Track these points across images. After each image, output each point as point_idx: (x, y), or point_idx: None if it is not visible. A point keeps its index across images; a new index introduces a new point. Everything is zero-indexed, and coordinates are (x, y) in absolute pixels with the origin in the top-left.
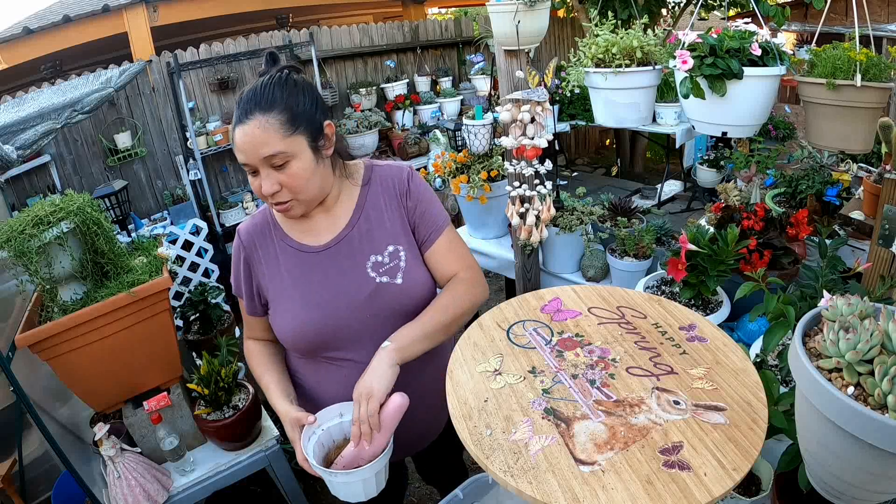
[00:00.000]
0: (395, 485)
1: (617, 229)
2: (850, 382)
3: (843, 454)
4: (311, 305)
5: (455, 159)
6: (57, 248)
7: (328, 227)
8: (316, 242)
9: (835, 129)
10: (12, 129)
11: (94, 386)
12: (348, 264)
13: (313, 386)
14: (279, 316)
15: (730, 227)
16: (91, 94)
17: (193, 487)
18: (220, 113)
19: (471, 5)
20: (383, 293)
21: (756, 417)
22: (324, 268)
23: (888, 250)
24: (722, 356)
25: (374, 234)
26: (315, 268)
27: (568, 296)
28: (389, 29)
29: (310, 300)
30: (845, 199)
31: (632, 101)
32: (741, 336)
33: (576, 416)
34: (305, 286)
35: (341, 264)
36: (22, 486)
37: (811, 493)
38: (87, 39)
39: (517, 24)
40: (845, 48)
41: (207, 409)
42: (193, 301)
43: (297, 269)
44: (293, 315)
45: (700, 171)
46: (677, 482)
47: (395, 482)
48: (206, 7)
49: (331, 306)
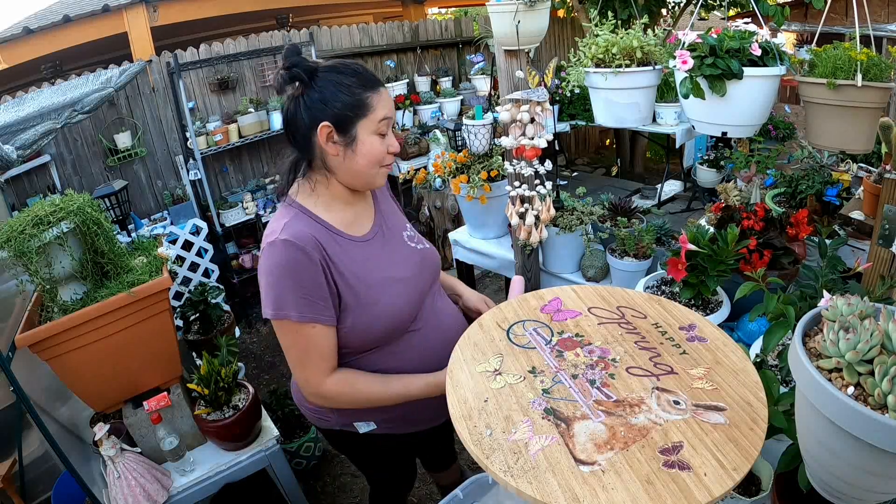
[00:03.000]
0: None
1: (617, 229)
2: (850, 382)
3: (843, 454)
4: (402, 282)
5: (455, 159)
6: (57, 248)
7: (366, 216)
8: (363, 232)
9: (835, 129)
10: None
11: (94, 386)
12: (396, 242)
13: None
14: (384, 304)
15: (730, 227)
16: (91, 94)
17: (193, 487)
18: (220, 113)
19: (471, 5)
20: (425, 257)
21: (756, 417)
22: (384, 250)
23: (888, 250)
24: (722, 356)
25: (391, 217)
26: (380, 251)
27: (568, 296)
28: (389, 29)
29: (397, 278)
30: (845, 199)
31: (632, 101)
32: (741, 336)
33: (576, 416)
34: (388, 268)
35: (392, 244)
36: (22, 486)
37: (811, 493)
38: (87, 39)
39: (517, 24)
40: (846, 48)
41: (207, 409)
42: (193, 301)
43: (369, 257)
44: (397, 294)
45: (700, 171)
46: (677, 482)
47: (407, 476)
48: (206, 7)
49: (412, 278)
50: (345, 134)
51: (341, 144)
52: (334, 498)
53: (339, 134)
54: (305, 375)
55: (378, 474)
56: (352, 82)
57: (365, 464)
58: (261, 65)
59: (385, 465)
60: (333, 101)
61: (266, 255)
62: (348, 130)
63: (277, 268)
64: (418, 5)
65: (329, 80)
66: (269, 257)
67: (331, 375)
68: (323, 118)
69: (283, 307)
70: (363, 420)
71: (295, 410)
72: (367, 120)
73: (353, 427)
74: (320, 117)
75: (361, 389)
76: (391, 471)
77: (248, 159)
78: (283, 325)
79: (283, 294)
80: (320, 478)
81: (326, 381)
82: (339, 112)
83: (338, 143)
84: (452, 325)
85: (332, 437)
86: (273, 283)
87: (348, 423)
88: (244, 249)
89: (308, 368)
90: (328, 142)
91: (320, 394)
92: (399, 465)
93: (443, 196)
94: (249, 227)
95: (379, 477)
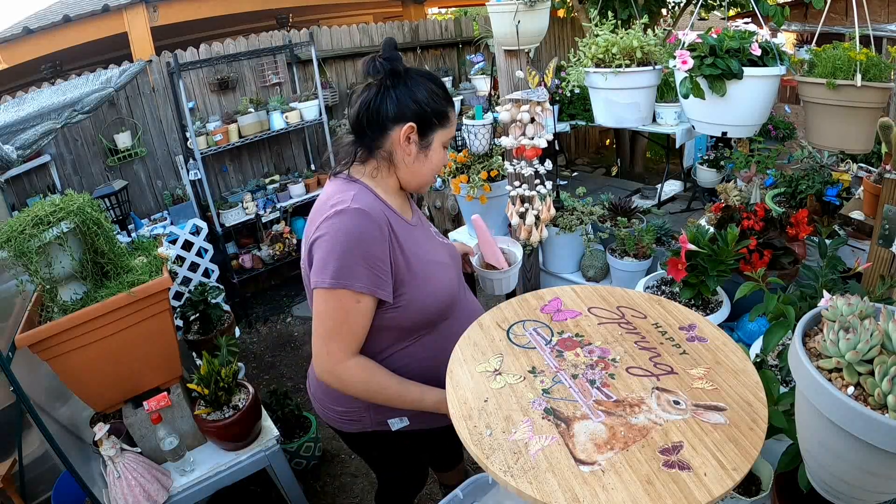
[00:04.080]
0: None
1: (617, 229)
2: (850, 382)
3: (843, 454)
4: (445, 266)
5: (455, 159)
6: (57, 248)
7: (409, 207)
8: (409, 217)
9: (835, 129)
10: (12, 129)
11: (94, 386)
12: (431, 232)
13: (437, 353)
14: (437, 282)
15: (730, 227)
16: (91, 94)
17: (193, 487)
18: (220, 113)
19: (471, 5)
20: (451, 249)
21: (756, 417)
22: (426, 236)
23: (888, 250)
24: (722, 356)
25: (420, 213)
26: (424, 237)
27: (568, 296)
28: (389, 29)
29: (443, 263)
30: (845, 199)
31: (632, 101)
32: (741, 336)
33: (576, 416)
34: (434, 252)
35: (429, 232)
36: (22, 486)
37: (811, 493)
38: (87, 39)
39: (517, 24)
40: (845, 48)
41: (207, 409)
42: (193, 301)
43: (420, 242)
44: (444, 274)
45: (700, 171)
46: (677, 482)
47: (420, 475)
48: (206, 7)
49: (451, 265)
50: (424, 138)
51: (417, 146)
52: (334, 498)
53: (420, 136)
54: (329, 348)
55: (392, 473)
56: (441, 94)
57: (383, 464)
58: (261, 65)
59: (402, 463)
60: (425, 104)
61: (333, 223)
62: (427, 135)
63: (347, 235)
64: (418, 5)
65: (423, 84)
66: (338, 224)
67: (354, 357)
68: (411, 117)
69: (346, 276)
70: (397, 416)
71: (294, 410)
72: (445, 132)
73: (386, 425)
74: (408, 115)
75: (379, 381)
76: (406, 469)
77: (248, 159)
78: (336, 294)
79: (349, 263)
80: (320, 478)
81: (348, 360)
82: (427, 116)
83: (415, 144)
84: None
85: (356, 439)
86: (341, 250)
87: (383, 420)
88: (244, 249)
89: (335, 341)
90: (406, 140)
91: (336, 372)
92: (415, 463)
93: (443, 196)
94: (249, 227)
95: (392, 476)
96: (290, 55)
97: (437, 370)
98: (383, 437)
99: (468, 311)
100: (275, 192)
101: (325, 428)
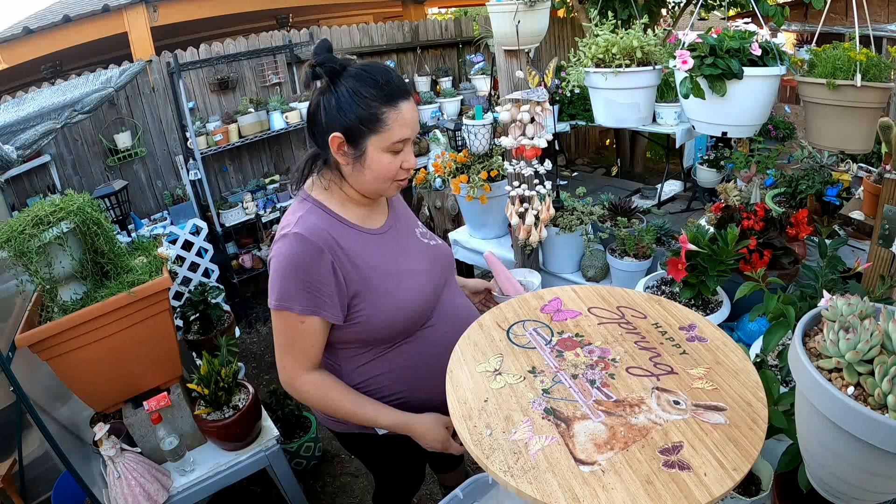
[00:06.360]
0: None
1: (617, 229)
2: (850, 382)
3: (843, 454)
4: (417, 274)
5: (455, 159)
6: (57, 248)
7: (380, 211)
8: (378, 225)
9: (835, 129)
10: (12, 129)
11: (94, 386)
12: (409, 237)
13: (417, 362)
14: (401, 294)
15: (730, 227)
16: (91, 94)
17: (193, 487)
18: (220, 113)
19: (471, 5)
20: (438, 252)
21: (756, 417)
22: (398, 244)
23: (888, 250)
24: (722, 356)
25: (404, 214)
26: (394, 245)
27: (568, 296)
28: (389, 29)
29: (413, 270)
30: (845, 199)
31: (632, 101)
32: (741, 336)
33: (576, 416)
34: (403, 260)
35: (406, 238)
36: (22, 486)
37: (811, 493)
38: (87, 39)
39: (517, 24)
40: (845, 48)
41: (207, 409)
42: (193, 301)
43: (385, 250)
44: (413, 285)
45: (700, 171)
46: (677, 482)
47: (416, 477)
48: (206, 7)
49: (426, 272)
50: (355, 147)
51: (351, 157)
52: (334, 498)
53: (350, 146)
54: (283, 363)
55: (388, 475)
56: (370, 94)
57: (377, 465)
58: (261, 65)
59: (398, 465)
60: (348, 111)
61: (277, 247)
62: (358, 144)
63: (286, 260)
64: (418, 5)
65: (348, 87)
66: (280, 249)
67: (310, 373)
68: (336, 127)
69: (287, 299)
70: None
71: (294, 410)
72: (379, 137)
73: (371, 429)
74: (333, 125)
75: (333, 398)
76: (402, 471)
77: (248, 159)
78: (281, 315)
79: (288, 286)
80: (320, 478)
81: (303, 376)
82: (350, 124)
83: (347, 155)
84: (468, 321)
85: (348, 439)
86: (281, 274)
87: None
88: (244, 249)
89: (287, 357)
90: (338, 151)
91: (293, 386)
92: (411, 465)
93: (443, 196)
94: (249, 227)
95: (388, 477)
96: (290, 55)
97: (417, 377)
98: (372, 438)
99: (453, 317)
100: (275, 192)
101: (324, 428)
